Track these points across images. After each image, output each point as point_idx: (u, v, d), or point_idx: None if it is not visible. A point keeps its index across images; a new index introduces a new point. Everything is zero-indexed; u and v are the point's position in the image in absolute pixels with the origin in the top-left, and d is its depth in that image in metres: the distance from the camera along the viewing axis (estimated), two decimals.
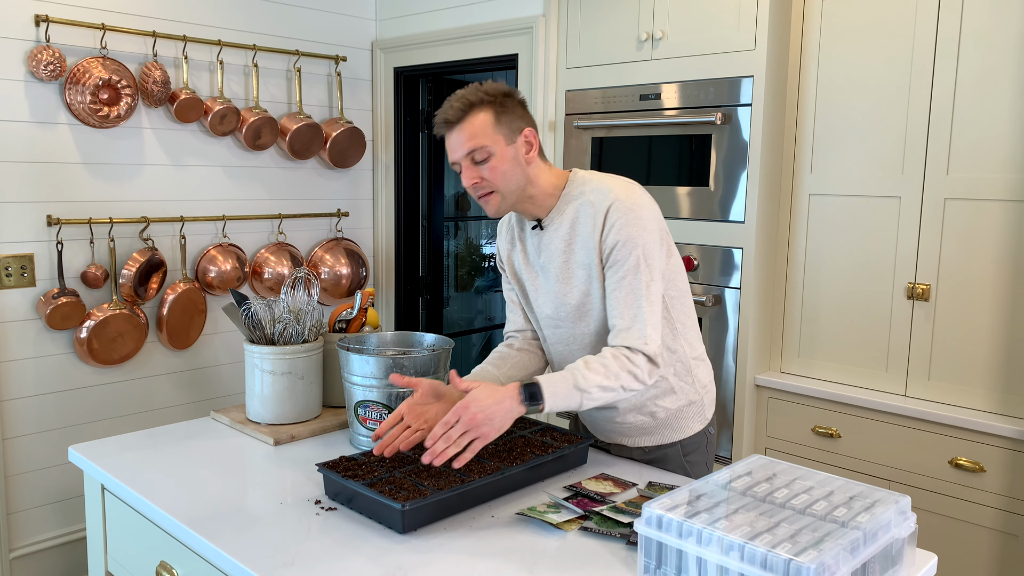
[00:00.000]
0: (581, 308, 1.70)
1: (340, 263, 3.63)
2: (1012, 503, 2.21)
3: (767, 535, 1.16)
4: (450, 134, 1.63)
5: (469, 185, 1.65)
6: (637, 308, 1.60)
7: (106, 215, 2.97)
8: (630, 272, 1.61)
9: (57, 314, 2.82)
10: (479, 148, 1.61)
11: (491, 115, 1.61)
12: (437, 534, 1.43)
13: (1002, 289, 2.26)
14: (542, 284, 1.77)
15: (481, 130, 1.60)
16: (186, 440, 1.91)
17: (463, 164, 1.64)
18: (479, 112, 1.61)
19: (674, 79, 2.72)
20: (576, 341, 1.75)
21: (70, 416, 2.97)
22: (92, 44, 2.88)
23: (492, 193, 1.65)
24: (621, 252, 1.61)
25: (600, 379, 1.55)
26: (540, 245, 1.75)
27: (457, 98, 1.62)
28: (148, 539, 1.63)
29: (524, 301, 1.86)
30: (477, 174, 1.63)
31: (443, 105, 1.64)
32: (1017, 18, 2.19)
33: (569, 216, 1.69)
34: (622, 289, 1.61)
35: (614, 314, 1.63)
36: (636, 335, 1.59)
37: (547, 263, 1.74)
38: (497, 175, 1.63)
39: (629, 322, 1.60)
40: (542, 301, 1.77)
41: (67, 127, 2.87)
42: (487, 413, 1.48)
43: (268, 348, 1.94)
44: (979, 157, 2.27)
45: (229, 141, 3.29)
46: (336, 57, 3.58)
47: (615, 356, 1.58)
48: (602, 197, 1.64)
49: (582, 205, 1.67)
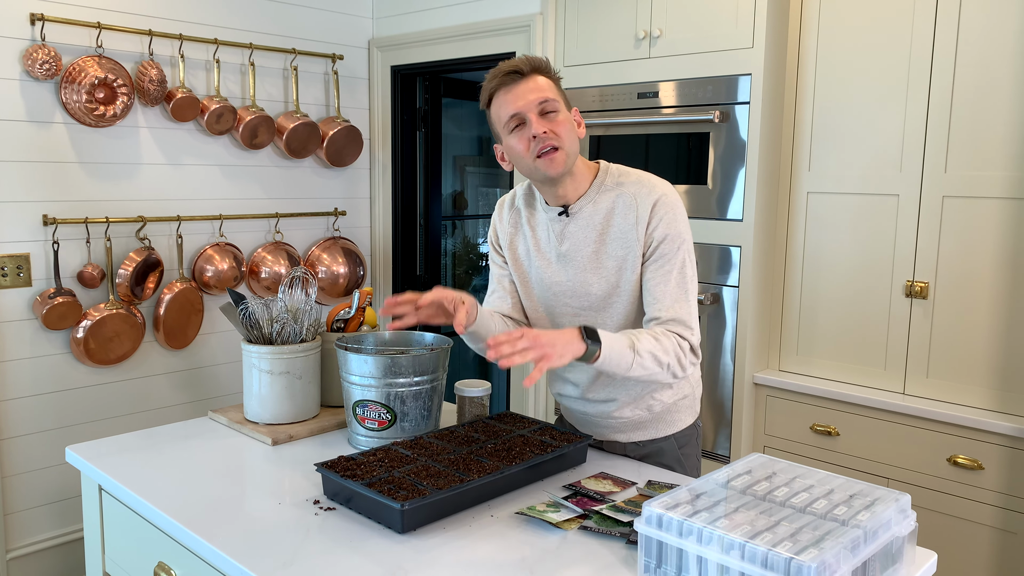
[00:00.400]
0: (606, 300, 1.70)
1: (337, 262, 3.62)
2: (1010, 500, 2.21)
3: (767, 534, 1.16)
4: (516, 86, 1.60)
5: (540, 132, 1.59)
6: (687, 302, 1.63)
7: (102, 215, 2.96)
8: (677, 267, 1.63)
9: (53, 314, 2.81)
10: (550, 99, 1.60)
11: (553, 82, 1.64)
12: (437, 534, 1.42)
13: (1000, 287, 2.26)
14: (558, 272, 1.74)
15: (548, 87, 1.62)
16: (184, 440, 1.90)
17: (531, 115, 1.60)
18: (542, 75, 1.62)
19: (672, 77, 2.72)
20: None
21: (67, 416, 2.96)
22: (88, 43, 2.87)
23: (558, 149, 1.61)
24: (669, 246, 1.63)
25: (653, 348, 1.55)
26: (564, 232, 1.72)
27: (519, 59, 1.63)
28: (146, 539, 1.62)
29: (522, 289, 1.83)
30: (547, 125, 1.60)
31: (496, 70, 1.63)
32: (1015, 16, 2.19)
33: (604, 206, 1.68)
34: (671, 282, 1.63)
35: (659, 307, 1.62)
36: (682, 325, 1.61)
37: (572, 251, 1.71)
38: (564, 130, 1.62)
39: (678, 313, 1.61)
40: (559, 291, 1.74)
41: (63, 126, 2.86)
42: (550, 337, 1.46)
43: (266, 348, 1.94)
44: (977, 155, 2.27)
45: (226, 140, 3.29)
46: (333, 55, 3.57)
47: (667, 335, 1.59)
48: (646, 191, 1.66)
49: (620, 196, 1.67)
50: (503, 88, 1.62)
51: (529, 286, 1.81)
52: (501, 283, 1.87)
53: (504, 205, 1.86)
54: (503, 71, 1.62)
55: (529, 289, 1.82)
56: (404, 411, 1.81)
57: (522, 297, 1.85)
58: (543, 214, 1.75)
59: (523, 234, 1.80)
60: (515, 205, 1.82)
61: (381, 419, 1.81)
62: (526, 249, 1.80)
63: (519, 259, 1.81)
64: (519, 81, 1.60)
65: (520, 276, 1.82)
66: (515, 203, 1.83)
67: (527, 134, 1.61)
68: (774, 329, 2.72)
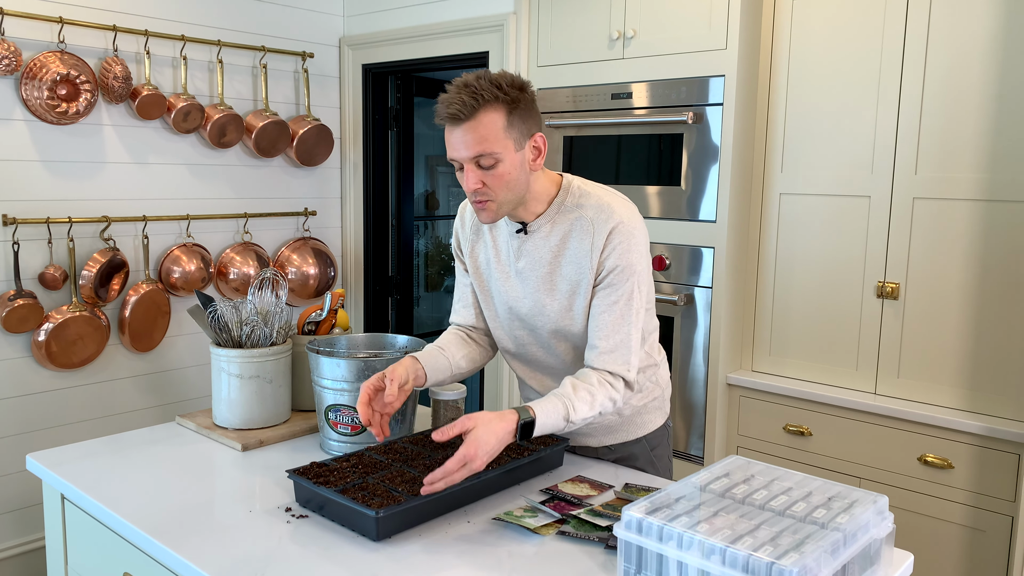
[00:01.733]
0: (558, 322, 1.67)
1: (307, 263, 3.57)
2: (980, 499, 2.23)
3: (748, 538, 1.15)
4: (456, 129, 1.49)
5: (471, 188, 1.53)
6: (625, 334, 1.59)
7: (65, 214, 2.88)
8: (623, 298, 1.59)
9: (13, 316, 2.73)
10: (487, 154, 1.49)
11: (503, 116, 1.49)
12: (412, 541, 1.40)
13: (970, 288, 2.29)
14: (517, 287, 1.70)
15: (492, 133, 1.48)
16: (150, 446, 1.85)
17: (467, 165, 1.52)
18: (491, 111, 1.48)
19: (645, 78, 2.71)
20: (550, 347, 1.72)
21: (28, 422, 2.88)
22: (50, 38, 2.79)
23: (490, 201, 1.55)
24: (619, 277, 1.58)
25: (587, 410, 1.55)
26: (521, 249, 1.67)
27: (468, 90, 1.47)
28: (111, 550, 1.57)
29: (482, 297, 1.78)
30: (480, 179, 1.51)
31: (449, 92, 1.49)
32: (984, 19, 2.21)
33: (561, 228, 1.62)
34: (613, 313, 1.59)
35: (600, 335, 1.59)
36: (620, 360, 1.59)
37: (527, 270, 1.67)
38: (501, 184, 1.52)
39: (614, 346, 1.59)
40: (514, 304, 1.71)
41: (23, 123, 2.78)
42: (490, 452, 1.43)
43: (235, 351, 1.89)
44: (947, 157, 2.30)
45: (193, 139, 3.22)
46: (303, 53, 3.52)
47: (601, 383, 1.57)
48: (604, 216, 1.59)
49: (578, 220, 1.61)
50: (447, 127, 1.52)
51: (489, 295, 1.77)
52: (465, 294, 1.83)
53: (467, 210, 1.79)
54: (445, 111, 1.49)
55: (489, 299, 1.77)
56: None
57: (482, 305, 1.79)
58: (504, 226, 1.70)
59: (484, 242, 1.74)
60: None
61: (354, 424, 1.78)
62: (487, 259, 1.75)
63: (479, 267, 1.77)
64: (458, 126, 1.49)
65: (480, 285, 1.78)
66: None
67: (463, 179, 1.55)
68: (747, 330, 2.73)
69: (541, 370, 1.78)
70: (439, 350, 1.75)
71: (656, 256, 2.72)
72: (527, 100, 1.53)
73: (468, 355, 1.80)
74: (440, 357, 1.73)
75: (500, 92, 1.49)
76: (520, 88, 1.52)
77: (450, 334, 1.83)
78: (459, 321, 1.85)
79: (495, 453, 1.44)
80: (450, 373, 1.75)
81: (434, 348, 1.76)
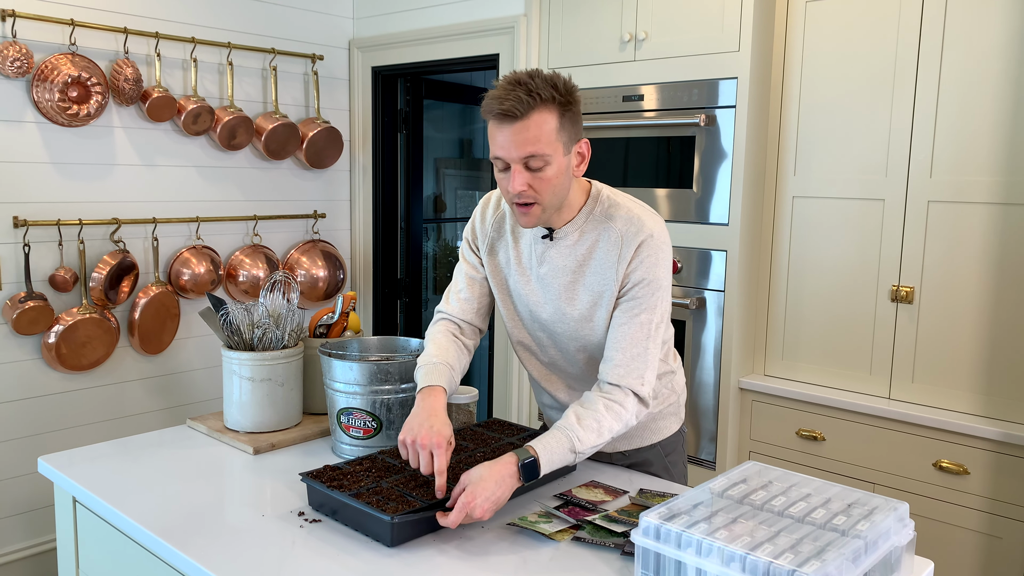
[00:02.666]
0: (577, 331, 1.64)
1: (317, 265, 3.57)
2: (996, 505, 2.21)
3: (768, 545, 1.14)
4: (506, 127, 1.44)
5: (517, 191, 1.47)
6: (643, 348, 1.56)
7: (75, 216, 2.88)
8: (646, 312, 1.55)
9: (24, 318, 2.73)
10: (538, 155, 1.45)
11: (556, 118, 1.45)
12: (427, 547, 1.39)
13: (985, 292, 2.27)
14: (538, 291, 1.67)
15: (545, 135, 1.44)
16: (161, 449, 1.85)
17: (515, 166, 1.46)
18: (544, 111, 1.43)
19: (657, 80, 2.70)
20: (569, 353, 1.69)
21: (38, 424, 2.88)
22: (61, 40, 2.80)
23: (536, 204, 1.50)
24: (644, 291, 1.55)
25: (594, 439, 1.50)
26: (545, 256, 1.64)
27: (523, 88, 1.42)
28: (123, 553, 1.56)
29: (499, 294, 1.73)
30: (527, 181, 1.47)
31: (500, 88, 1.44)
32: (1000, 21, 2.19)
33: (589, 237, 1.59)
34: (633, 326, 1.55)
35: (617, 347, 1.56)
36: (635, 375, 1.55)
37: (548, 276, 1.64)
38: (548, 187, 1.48)
39: (630, 359, 1.55)
40: (535, 308, 1.68)
41: (34, 125, 2.78)
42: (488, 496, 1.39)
43: (247, 354, 1.88)
44: (962, 160, 2.28)
45: (203, 141, 3.22)
46: (313, 56, 3.52)
47: (608, 407, 1.52)
48: (634, 229, 1.56)
49: (607, 231, 1.58)
50: (495, 123, 1.47)
51: (508, 295, 1.73)
52: (471, 285, 1.76)
53: (489, 205, 1.74)
54: (497, 108, 1.44)
55: (508, 298, 1.73)
56: (390, 419, 1.77)
57: (500, 304, 1.75)
58: (529, 230, 1.66)
59: (506, 242, 1.70)
60: (501, 208, 1.73)
61: (366, 427, 1.77)
62: (507, 258, 1.71)
63: (498, 266, 1.72)
64: (511, 124, 1.44)
65: (498, 283, 1.74)
66: (502, 206, 1.73)
67: (508, 180, 1.49)
68: (759, 333, 2.72)
69: (557, 372, 1.76)
70: (447, 366, 1.67)
71: None
72: (577, 104, 1.50)
73: (464, 363, 1.73)
74: (451, 375, 1.66)
75: (556, 92, 1.45)
76: (571, 92, 1.49)
77: (443, 338, 1.73)
78: (452, 312, 1.76)
79: (497, 497, 1.39)
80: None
81: (442, 365, 1.67)
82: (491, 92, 1.47)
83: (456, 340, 1.74)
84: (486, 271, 1.75)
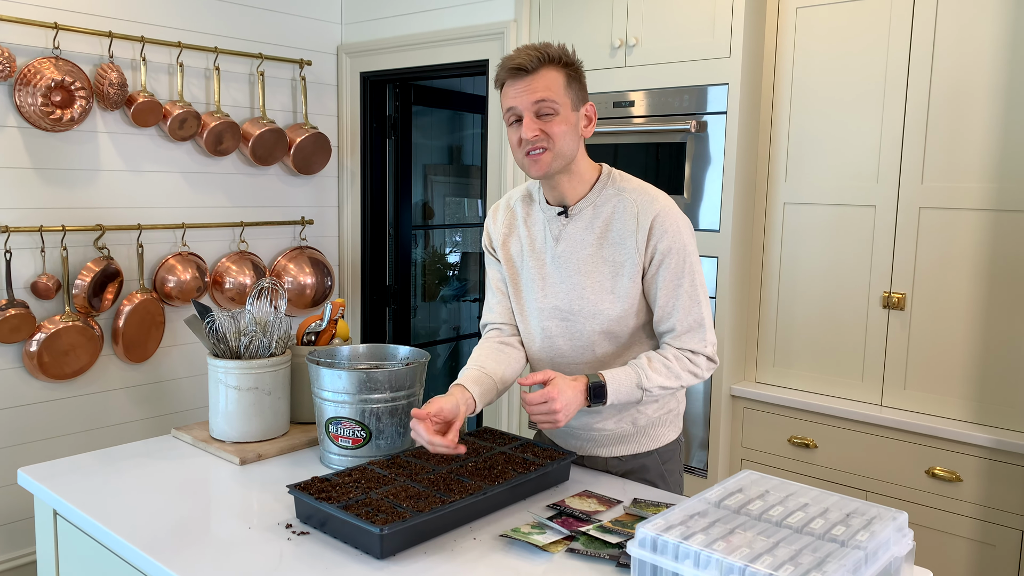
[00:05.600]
0: (597, 304, 1.65)
1: (304, 272, 3.53)
2: (988, 512, 2.20)
3: (767, 556, 1.11)
4: (518, 81, 1.58)
5: (529, 136, 1.58)
6: (699, 313, 1.64)
7: (58, 222, 2.83)
8: (687, 278, 1.63)
9: (5, 326, 2.67)
10: (549, 101, 1.57)
11: (563, 77, 1.59)
12: (417, 559, 1.36)
13: (977, 298, 2.27)
14: (552, 274, 1.70)
15: (554, 86, 1.57)
16: (145, 460, 1.81)
17: (527, 115, 1.58)
18: (553, 69, 1.58)
19: (648, 86, 2.69)
20: (583, 337, 1.68)
21: (19, 434, 2.82)
22: (44, 44, 2.76)
23: (546, 151, 1.59)
24: (675, 259, 1.63)
25: (662, 379, 1.61)
26: (562, 233, 1.69)
27: (532, 48, 1.58)
28: (105, 567, 1.52)
29: (513, 290, 1.77)
30: (539, 126, 1.58)
31: (511, 53, 1.60)
32: (990, 27, 2.20)
33: (606, 210, 1.66)
34: (682, 295, 1.63)
35: (674, 319, 1.64)
36: (698, 339, 1.65)
37: (567, 253, 1.68)
38: (558, 133, 1.58)
39: (691, 326, 1.64)
40: (549, 292, 1.70)
41: (16, 130, 2.73)
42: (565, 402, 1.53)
43: (233, 362, 1.85)
44: (953, 166, 2.28)
45: (189, 146, 3.18)
46: (301, 61, 3.49)
47: (677, 357, 1.64)
48: (647, 200, 1.64)
49: (622, 202, 1.65)
50: (508, 81, 1.60)
51: (519, 288, 1.77)
52: (500, 289, 1.82)
53: (499, 208, 1.83)
54: (509, 65, 1.59)
55: (519, 292, 1.77)
56: (379, 428, 1.74)
57: (512, 300, 1.78)
58: (541, 213, 1.73)
59: (518, 234, 1.77)
60: (510, 206, 1.80)
61: (355, 436, 1.74)
62: (519, 249, 1.76)
63: (512, 259, 1.78)
64: (522, 78, 1.57)
65: (512, 276, 1.78)
66: (510, 204, 1.80)
67: (520, 132, 1.60)
68: (751, 340, 2.70)
69: (567, 371, 1.73)
70: (480, 370, 1.67)
71: None
72: (582, 76, 1.64)
73: (509, 364, 1.74)
74: (485, 379, 1.66)
75: (564, 54, 1.60)
76: (577, 63, 1.64)
77: (483, 348, 1.76)
78: (494, 320, 1.82)
79: (572, 405, 1.54)
80: (496, 392, 1.69)
81: (474, 370, 1.68)
82: (503, 59, 1.61)
83: (500, 345, 1.78)
84: (503, 267, 1.80)
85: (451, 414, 1.54)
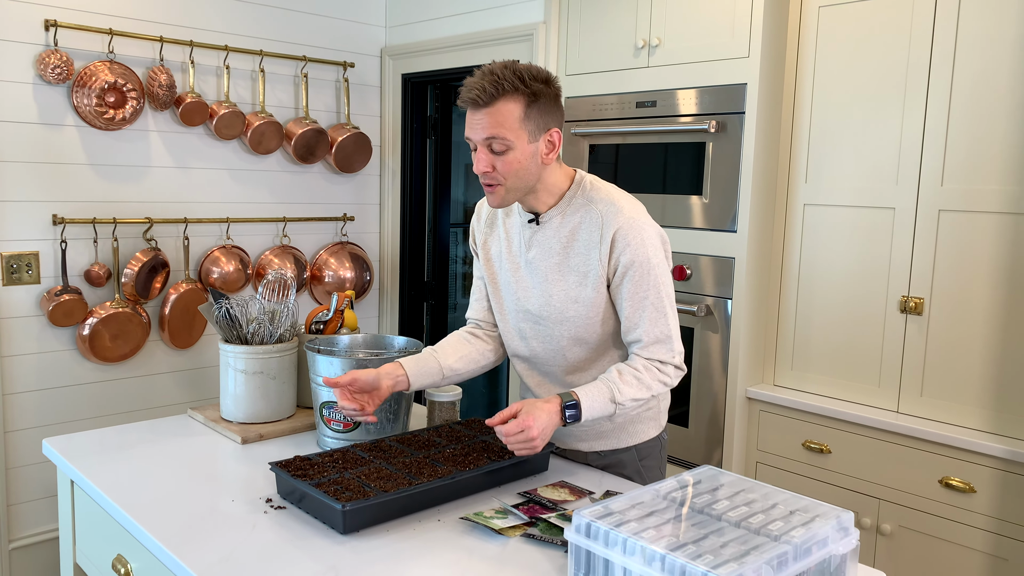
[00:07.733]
0: (563, 311, 1.69)
1: (344, 267, 3.66)
2: (1003, 526, 2.13)
3: (692, 546, 1.14)
4: (474, 112, 1.57)
5: (479, 170, 1.61)
6: (664, 325, 1.65)
7: (110, 215, 3.03)
8: (652, 291, 1.64)
9: (59, 311, 2.88)
10: (499, 138, 1.56)
11: (521, 107, 1.56)
12: (379, 536, 1.42)
13: (996, 304, 2.19)
14: (526, 277, 1.74)
15: (507, 121, 1.55)
16: (159, 436, 1.93)
17: (480, 148, 1.59)
18: (509, 101, 1.55)
19: (670, 86, 2.70)
20: (554, 341, 1.73)
21: (71, 411, 3.03)
22: (100, 48, 2.95)
23: (499, 185, 1.61)
24: (638, 272, 1.63)
25: (634, 392, 1.62)
26: (533, 240, 1.72)
27: (490, 78, 1.55)
28: (107, 532, 1.65)
29: (491, 290, 1.83)
30: (490, 163, 1.59)
31: (474, 77, 1.57)
32: (1013, 28, 2.12)
33: (572, 220, 1.67)
34: (647, 308, 1.64)
35: (640, 330, 1.65)
36: (666, 350, 1.66)
37: (537, 260, 1.72)
38: (510, 170, 1.59)
39: (657, 337, 1.65)
40: (522, 295, 1.75)
41: (74, 129, 2.94)
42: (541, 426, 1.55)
43: (240, 347, 1.96)
44: (974, 168, 2.21)
45: (234, 145, 3.34)
46: (344, 63, 3.62)
47: (647, 367, 1.64)
48: (613, 212, 1.63)
49: (588, 213, 1.66)
50: (467, 108, 1.60)
51: (497, 287, 1.82)
52: (479, 287, 1.89)
53: (483, 207, 1.87)
54: (465, 94, 1.57)
55: (497, 290, 1.82)
56: None
57: (491, 299, 1.84)
58: (518, 218, 1.76)
59: (498, 235, 1.81)
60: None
61: (347, 421, 1.82)
62: (499, 251, 1.80)
63: (491, 259, 1.82)
64: (477, 109, 1.57)
65: (490, 277, 1.83)
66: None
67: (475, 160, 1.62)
68: (769, 343, 2.68)
69: (543, 372, 1.78)
70: (430, 353, 1.79)
71: (677, 266, 2.69)
72: (549, 95, 1.60)
73: (466, 356, 1.82)
74: (429, 360, 1.76)
75: (522, 84, 1.55)
76: (544, 81, 1.59)
77: (453, 336, 1.87)
78: (471, 315, 1.91)
79: (548, 428, 1.55)
80: (441, 376, 1.77)
81: (425, 352, 1.80)
82: (466, 80, 1.59)
83: (467, 335, 1.87)
84: (482, 268, 1.84)
85: (368, 384, 1.66)
